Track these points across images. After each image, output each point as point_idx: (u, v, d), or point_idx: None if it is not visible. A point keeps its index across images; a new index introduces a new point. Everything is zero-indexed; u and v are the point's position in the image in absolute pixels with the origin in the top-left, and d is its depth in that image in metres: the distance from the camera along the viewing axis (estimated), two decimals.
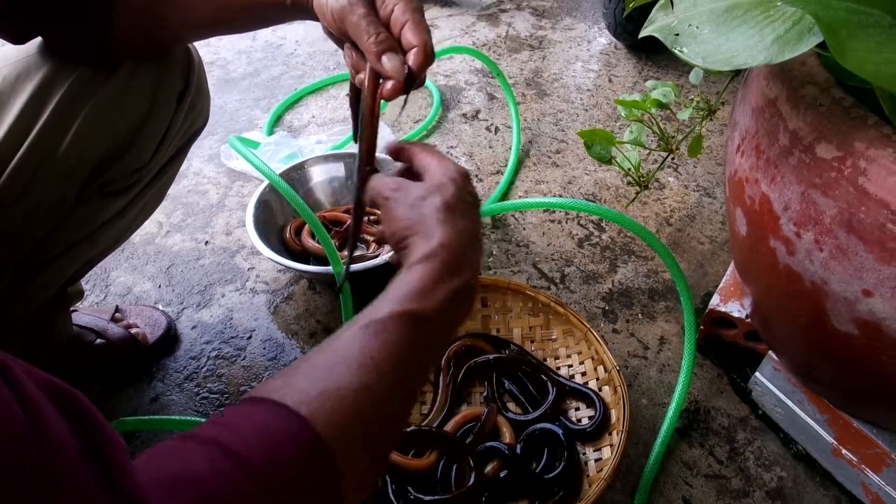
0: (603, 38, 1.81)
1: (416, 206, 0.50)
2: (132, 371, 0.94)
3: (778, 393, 0.83)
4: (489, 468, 0.77)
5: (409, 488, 0.74)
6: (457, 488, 0.74)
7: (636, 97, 1.00)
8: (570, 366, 0.90)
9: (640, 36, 0.63)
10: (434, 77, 1.62)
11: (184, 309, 1.04)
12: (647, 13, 0.62)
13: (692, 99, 0.97)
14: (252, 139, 1.36)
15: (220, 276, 1.10)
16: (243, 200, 1.26)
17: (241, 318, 1.03)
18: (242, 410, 0.37)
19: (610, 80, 1.62)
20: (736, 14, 0.53)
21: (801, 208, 0.57)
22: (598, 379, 0.86)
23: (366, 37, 0.53)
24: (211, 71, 1.66)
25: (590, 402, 0.84)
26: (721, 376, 0.93)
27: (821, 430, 0.79)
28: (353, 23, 0.54)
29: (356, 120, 0.66)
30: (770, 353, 0.82)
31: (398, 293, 0.46)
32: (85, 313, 0.93)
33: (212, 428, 0.35)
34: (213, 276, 1.10)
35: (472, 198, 0.53)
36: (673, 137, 1.00)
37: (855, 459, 0.76)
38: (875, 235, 0.51)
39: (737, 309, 0.88)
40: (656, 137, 1.01)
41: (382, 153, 0.62)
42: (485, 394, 0.87)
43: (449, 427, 0.82)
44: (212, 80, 1.59)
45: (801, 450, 0.83)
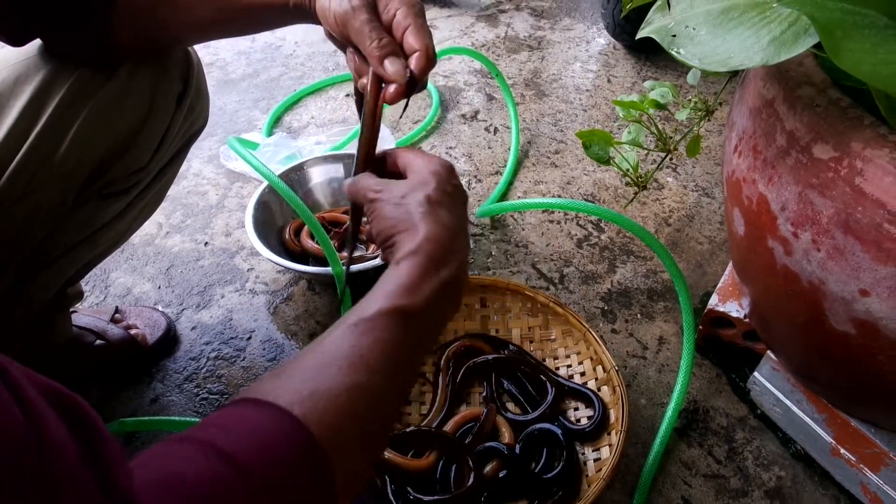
0: (602, 39, 1.81)
1: (400, 204, 0.51)
2: (132, 372, 0.94)
3: (776, 392, 0.83)
4: (488, 468, 0.77)
5: (409, 488, 0.74)
6: (456, 488, 0.74)
7: (634, 98, 1.00)
8: (569, 366, 0.90)
9: (638, 37, 0.63)
10: (433, 78, 1.62)
11: (183, 310, 1.04)
12: (644, 14, 0.63)
13: (690, 99, 0.98)
14: (251, 140, 1.36)
15: (219, 276, 1.10)
16: (243, 201, 1.26)
17: (240, 318, 1.03)
18: (235, 412, 0.37)
19: (609, 81, 1.62)
20: (732, 15, 0.53)
21: (799, 208, 0.57)
22: (596, 379, 0.86)
23: (368, 41, 0.54)
24: (210, 72, 1.66)
25: (589, 402, 0.84)
26: (720, 376, 0.93)
27: (819, 430, 0.79)
28: (355, 28, 0.54)
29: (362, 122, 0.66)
30: (768, 352, 0.82)
31: (386, 290, 0.46)
32: (85, 314, 0.93)
33: (205, 430, 0.35)
34: (213, 276, 1.10)
35: (457, 190, 0.53)
36: (671, 138, 1.00)
37: (853, 459, 0.76)
38: (872, 235, 0.52)
39: (735, 309, 0.88)
40: (654, 138, 1.01)
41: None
42: (484, 394, 0.87)
43: (448, 427, 0.82)
44: (211, 81, 1.59)
45: (799, 449, 0.84)
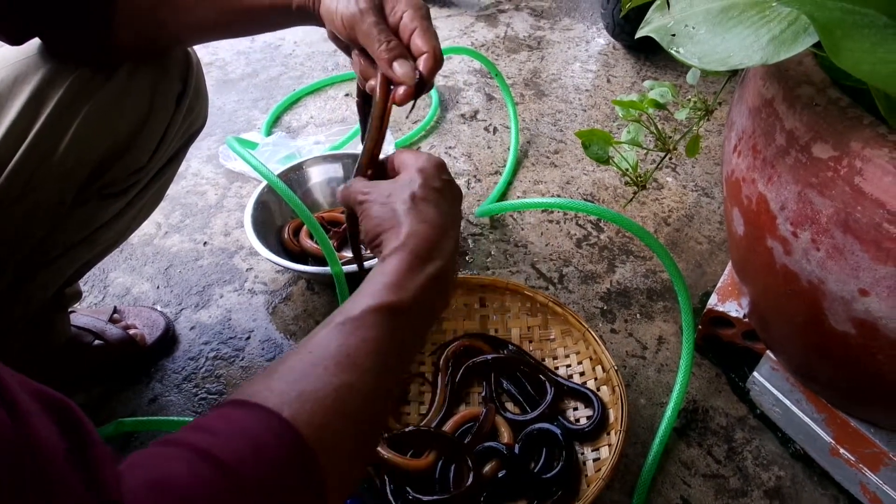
0: (601, 39, 1.81)
1: (385, 203, 0.51)
2: (131, 372, 0.94)
3: (776, 392, 0.83)
4: (487, 468, 0.77)
5: (408, 488, 0.74)
6: (455, 488, 0.74)
7: (634, 97, 1.00)
8: (569, 366, 0.90)
9: (637, 36, 0.63)
10: None
11: (182, 310, 1.04)
12: (644, 14, 0.63)
13: (689, 99, 0.98)
14: (250, 140, 1.36)
15: (218, 276, 1.10)
16: (242, 201, 1.26)
17: (239, 318, 1.03)
18: (225, 414, 0.37)
19: (608, 81, 1.62)
20: (732, 14, 0.53)
21: (798, 208, 0.57)
22: (596, 379, 0.86)
23: (377, 44, 0.54)
24: (209, 72, 1.66)
25: (588, 402, 0.84)
26: (719, 376, 0.93)
27: (818, 430, 0.79)
28: (363, 30, 0.54)
29: (364, 125, 0.66)
30: (768, 352, 0.82)
31: (372, 288, 0.46)
32: (83, 314, 0.93)
33: (194, 432, 0.35)
34: (212, 276, 1.10)
35: (447, 186, 0.53)
36: (670, 137, 1.00)
37: (853, 458, 0.76)
38: (871, 235, 0.52)
39: (735, 308, 0.88)
40: (654, 137, 1.01)
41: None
42: (483, 394, 0.87)
43: (447, 427, 0.82)
44: (210, 80, 1.59)
45: (798, 449, 0.84)
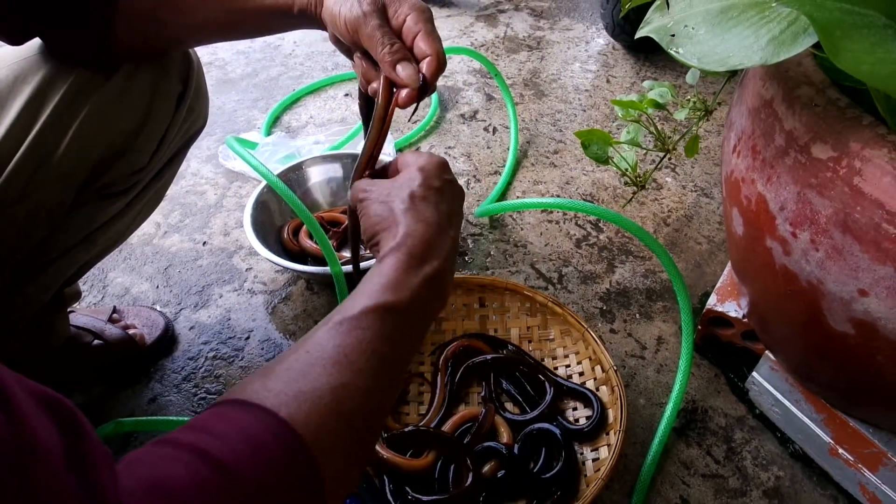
0: (601, 39, 1.81)
1: (384, 202, 0.51)
2: (130, 372, 0.94)
3: (775, 392, 0.83)
4: (487, 468, 0.77)
5: (407, 488, 0.74)
6: (454, 488, 0.74)
7: (633, 97, 1.00)
8: (568, 366, 0.90)
9: (637, 37, 0.63)
10: None
11: (182, 309, 1.04)
12: (643, 14, 0.63)
13: (689, 99, 0.98)
14: (250, 140, 1.36)
15: (217, 276, 1.10)
16: (241, 201, 1.26)
17: (238, 318, 1.03)
18: (222, 413, 0.37)
19: (608, 81, 1.62)
20: (731, 15, 0.53)
21: (797, 208, 0.57)
22: (595, 379, 0.86)
23: (380, 47, 0.54)
24: (209, 72, 1.66)
25: (587, 402, 0.84)
26: (718, 376, 0.93)
27: (818, 430, 0.79)
28: (366, 33, 0.55)
29: (367, 127, 0.66)
30: (767, 352, 0.82)
31: (369, 288, 0.46)
32: (82, 314, 0.93)
33: (192, 432, 0.35)
34: (211, 276, 1.10)
35: (447, 185, 0.53)
36: (670, 138, 1.00)
37: (851, 459, 0.76)
38: (870, 235, 0.52)
39: (734, 309, 0.88)
40: (653, 138, 1.01)
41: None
42: (482, 394, 0.87)
43: (447, 427, 0.82)
44: (210, 80, 1.59)
45: (798, 449, 0.84)
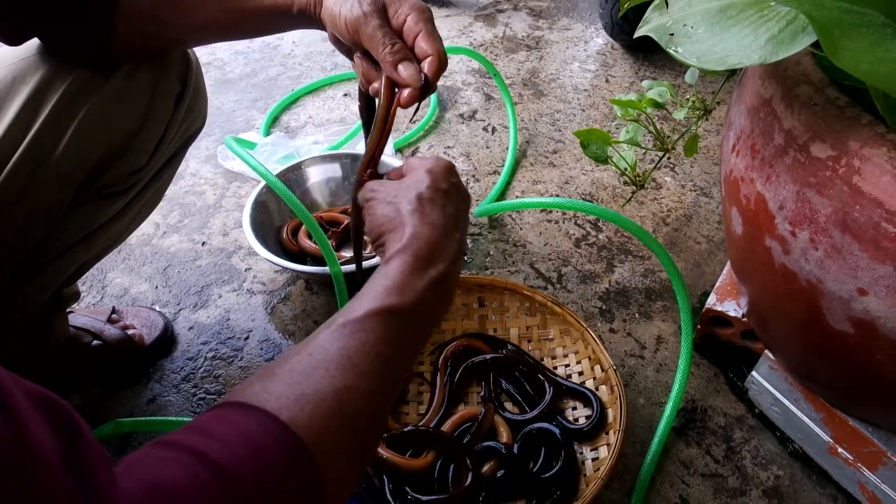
0: (600, 39, 1.81)
1: (391, 203, 0.51)
2: (129, 372, 0.93)
3: (774, 392, 0.83)
4: (486, 468, 0.77)
5: (407, 488, 0.74)
6: (454, 488, 0.74)
7: (632, 97, 1.00)
8: (567, 365, 0.90)
9: (635, 36, 0.63)
10: None
11: (181, 310, 1.04)
12: (642, 13, 0.63)
13: (688, 98, 0.98)
14: (249, 140, 1.36)
15: (216, 276, 1.10)
16: (240, 201, 1.26)
17: (238, 318, 1.03)
18: (222, 416, 0.37)
19: (607, 81, 1.62)
20: (730, 14, 0.53)
21: (797, 207, 0.57)
22: (594, 378, 0.86)
23: (381, 47, 0.54)
24: (208, 72, 1.66)
25: (587, 402, 0.84)
26: (718, 375, 0.93)
27: (817, 429, 0.79)
28: (367, 33, 0.55)
29: (367, 127, 0.66)
30: (766, 352, 0.82)
31: (374, 290, 0.46)
32: (81, 314, 0.93)
33: (191, 434, 0.34)
34: (210, 276, 1.10)
35: (454, 188, 0.53)
36: (669, 137, 1.00)
37: (851, 458, 0.76)
38: (869, 234, 0.52)
39: (733, 308, 0.88)
40: (652, 137, 1.01)
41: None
42: (482, 393, 0.87)
43: (446, 427, 0.82)
44: (209, 80, 1.59)
45: (797, 448, 0.84)
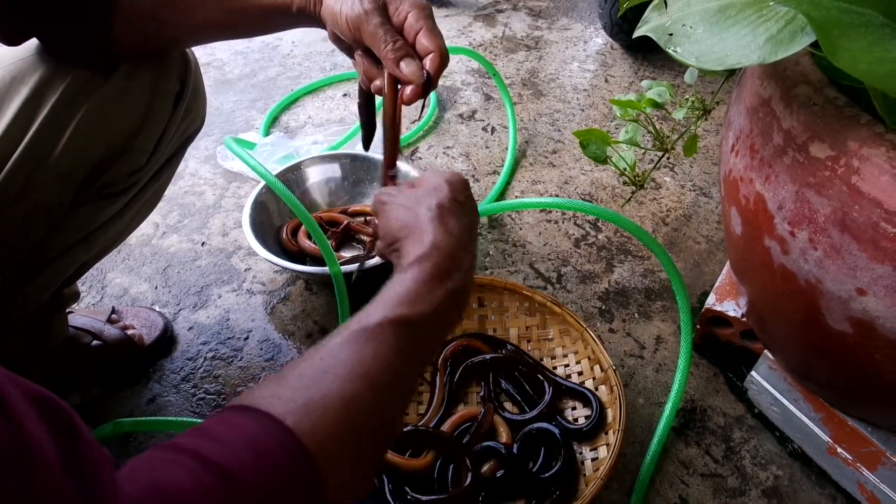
0: (599, 39, 1.81)
1: (410, 208, 0.51)
2: (129, 372, 0.93)
3: (773, 392, 0.83)
4: (486, 468, 0.77)
5: (406, 488, 0.74)
6: (454, 488, 0.74)
7: (631, 97, 1.00)
8: (567, 365, 0.90)
9: (634, 36, 0.63)
10: None
11: (180, 310, 1.04)
12: (641, 13, 0.63)
13: (687, 98, 0.98)
14: (248, 140, 1.36)
15: (216, 277, 1.10)
16: (240, 201, 1.26)
17: (237, 319, 1.03)
18: (227, 419, 0.37)
19: (606, 81, 1.63)
20: (729, 14, 0.53)
21: (796, 207, 0.57)
22: (594, 378, 0.86)
23: (383, 44, 0.54)
24: (207, 72, 1.66)
25: (586, 402, 0.84)
26: (717, 375, 0.93)
27: (816, 429, 0.79)
28: (368, 31, 0.55)
29: (367, 125, 0.66)
30: (766, 351, 0.82)
31: (391, 297, 0.45)
32: (81, 315, 0.93)
33: (196, 438, 0.34)
34: (210, 277, 1.10)
35: (469, 202, 0.54)
36: (668, 137, 1.00)
37: (850, 458, 0.76)
38: (868, 234, 0.52)
39: (732, 308, 0.88)
40: (652, 137, 1.01)
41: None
42: (481, 393, 0.87)
43: (446, 427, 0.82)
44: (208, 81, 1.58)
45: (796, 448, 0.84)
